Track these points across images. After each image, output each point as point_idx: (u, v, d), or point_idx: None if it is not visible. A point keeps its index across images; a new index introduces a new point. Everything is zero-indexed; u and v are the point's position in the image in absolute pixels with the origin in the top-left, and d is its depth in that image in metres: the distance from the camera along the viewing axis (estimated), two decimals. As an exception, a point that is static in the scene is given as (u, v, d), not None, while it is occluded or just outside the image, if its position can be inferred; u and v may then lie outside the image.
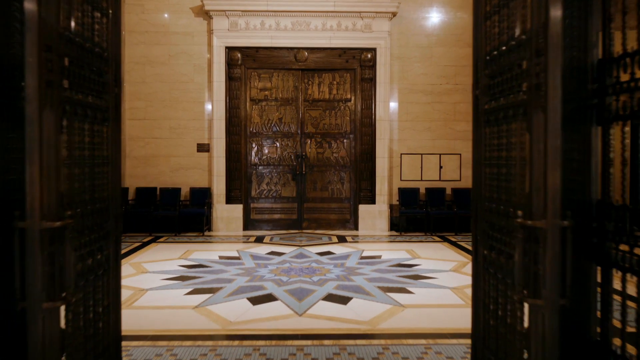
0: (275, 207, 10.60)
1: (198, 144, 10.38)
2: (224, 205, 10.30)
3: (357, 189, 10.46)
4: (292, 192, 10.59)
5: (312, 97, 10.55)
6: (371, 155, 10.40)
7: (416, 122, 10.51)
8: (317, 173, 10.56)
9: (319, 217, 10.61)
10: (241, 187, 10.40)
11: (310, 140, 10.57)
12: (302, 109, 10.54)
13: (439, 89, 10.52)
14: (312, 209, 10.61)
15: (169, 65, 10.34)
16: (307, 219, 10.61)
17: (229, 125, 10.32)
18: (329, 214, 10.60)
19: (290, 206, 10.60)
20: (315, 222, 10.60)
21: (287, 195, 10.60)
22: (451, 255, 7.79)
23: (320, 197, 10.60)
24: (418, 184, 10.51)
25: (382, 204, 10.37)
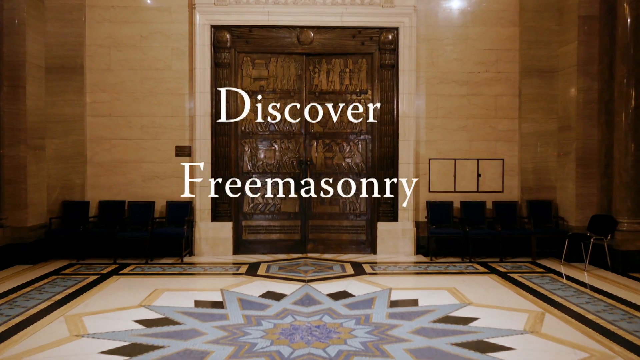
0: (273, 226, 8.55)
1: (177, 147, 8.33)
2: (208, 223, 8.24)
3: (374, 202, 8.41)
4: (294, 206, 8.54)
5: (319, 89, 8.50)
6: (392, 161, 8.35)
7: (448, 119, 8.46)
8: (326, 183, 8.50)
9: (327, 237, 8.55)
10: (231, 200, 8.34)
11: (317, 142, 8.53)
12: (306, 104, 8.50)
13: (477, 78, 8.47)
14: (319, 227, 8.56)
15: (140, 48, 8.29)
16: (313, 239, 8.56)
17: (216, 124, 8.27)
18: (339, 234, 8.55)
19: (292, 224, 8.55)
20: (322, 243, 8.54)
21: (288, 211, 8.54)
22: (512, 298, 5.74)
23: (329, 212, 8.54)
24: (451, 197, 8.45)
25: (407, 222, 8.32)
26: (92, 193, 8.27)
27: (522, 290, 6.07)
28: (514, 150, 8.50)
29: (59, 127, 8.14)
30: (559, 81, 8.33)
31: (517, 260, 7.91)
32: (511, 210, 8.33)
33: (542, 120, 8.39)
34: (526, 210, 8.34)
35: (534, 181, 8.42)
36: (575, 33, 7.86)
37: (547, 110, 8.39)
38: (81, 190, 8.21)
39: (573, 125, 7.98)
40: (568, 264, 7.68)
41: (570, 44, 7.98)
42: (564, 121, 8.21)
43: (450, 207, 8.34)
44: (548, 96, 8.37)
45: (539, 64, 8.37)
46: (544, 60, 8.36)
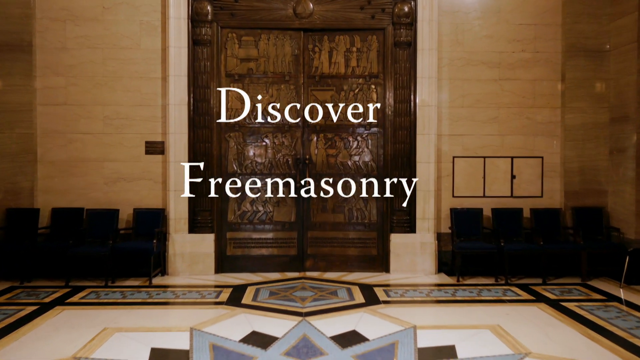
0: (265, 238, 7.06)
1: (147, 143, 6.85)
2: (185, 235, 6.76)
3: (387, 210, 6.93)
4: (289, 214, 7.06)
5: (319, 72, 7.03)
6: (409, 159, 6.87)
7: (476, 108, 6.99)
8: (328, 186, 7.03)
9: (330, 252, 7.07)
10: (212, 207, 6.85)
11: (317, 137, 7.05)
12: (304, 90, 7.03)
13: (511, 59, 6.99)
14: (320, 240, 7.08)
15: (102, 22, 6.81)
16: (313, 255, 7.08)
17: (194, 115, 6.79)
18: (345, 248, 7.07)
19: (287, 236, 7.07)
20: (324, 259, 7.06)
21: (283, 220, 7.07)
22: (583, 344, 4.28)
23: (332, 222, 7.07)
24: (479, 203, 6.98)
25: (426, 233, 6.84)
26: (43, 199, 6.78)
27: (590, 329, 4.59)
28: (555, 146, 7.02)
29: (2, 119, 6.65)
30: (611, 62, 6.85)
31: (564, 282, 6.43)
32: (553, 220, 6.85)
33: (590, 109, 6.92)
34: (571, 219, 6.87)
35: (580, 184, 6.94)
36: (636, 1, 6.38)
37: (596, 97, 6.91)
38: (29, 195, 6.73)
39: (631, 116, 6.50)
40: (628, 286, 6.20)
41: (628, 16, 6.50)
42: (619, 111, 6.73)
43: (479, 216, 6.86)
44: (598, 80, 6.90)
45: (587, 42, 6.90)
46: (593, 37, 6.88)
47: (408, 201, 6.86)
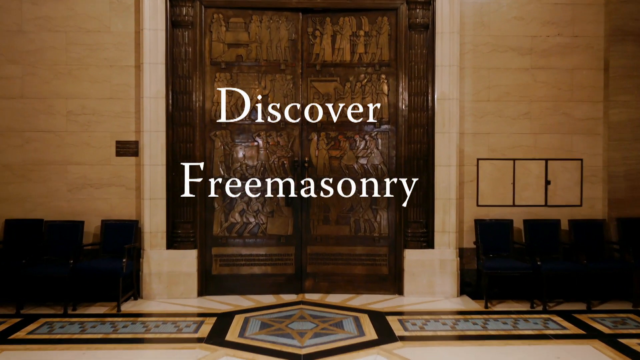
0: (257, 255, 6.04)
1: (119, 143, 5.83)
2: (163, 251, 5.73)
3: (400, 221, 5.90)
4: (285, 226, 6.05)
5: (321, 60, 6.02)
6: (426, 162, 5.85)
7: (505, 102, 5.97)
8: (331, 193, 6.02)
9: (333, 270, 6.06)
10: (195, 218, 5.83)
11: (319, 136, 6.04)
12: (303, 81, 6.02)
13: (545, 44, 5.97)
14: (322, 256, 6.06)
15: (65, 1, 5.79)
16: (314, 274, 6.06)
17: (174, 109, 5.77)
18: (351, 265, 6.05)
19: (283, 252, 6.06)
20: (327, 278, 6.05)
21: (278, 233, 6.05)
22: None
23: (335, 235, 6.05)
24: (508, 213, 5.95)
25: (446, 249, 5.81)
26: (-5, 208, 5.78)
27: (668, 381, 3.58)
28: (597, 146, 6.00)
29: (-54, 114, 5.66)
30: (663, 48, 5.84)
31: (612, 308, 5.41)
32: (595, 233, 5.83)
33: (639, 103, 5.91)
34: (617, 232, 5.85)
35: (627, 191, 5.92)
36: (699, -26, 5.39)
37: (645, 89, 5.91)
38: (-21, 204, 5.72)
39: (691, 110, 5.49)
40: (692, 315, 5.19)
41: (686, -7, 5.50)
42: (674, 105, 5.73)
43: (508, 229, 5.84)
44: (648, 70, 5.89)
45: (636, 25, 5.88)
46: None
47: (424, 211, 5.84)
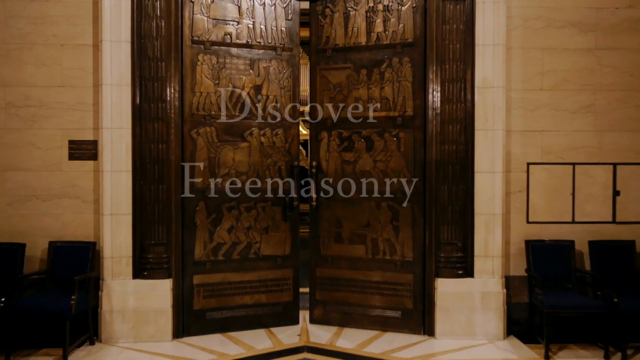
0: (249, 281, 4.83)
1: (72, 143, 4.59)
2: (128, 282, 4.48)
3: (430, 242, 4.64)
4: (282, 244, 4.85)
5: (332, 44, 4.85)
6: (463, 167, 4.59)
7: (562, 92, 4.72)
8: (343, 204, 4.80)
9: (346, 298, 4.84)
10: (170, 239, 4.56)
11: (330, 136, 4.83)
12: (312, 70, 4.80)
13: (614, 18, 4.72)
14: (333, 281, 4.89)
15: (4, -38, 4.56)
16: (323, 301, 4.91)
17: (142, 100, 4.51)
18: (367, 295, 4.82)
19: (280, 276, 4.88)
20: (338, 308, 4.87)
21: (273, 253, 4.85)
22: None
23: (348, 256, 4.83)
24: (568, 232, 4.70)
25: (490, 278, 4.55)
26: None
27: None
28: (678, 147, 4.76)
29: None
30: None
31: None
32: (679, 257, 4.58)
33: None
34: None
35: None
36: None
37: None
38: None
39: None
40: None
41: None
42: None
43: (568, 252, 4.58)
44: None
45: None
46: None
47: (462, 230, 4.59)
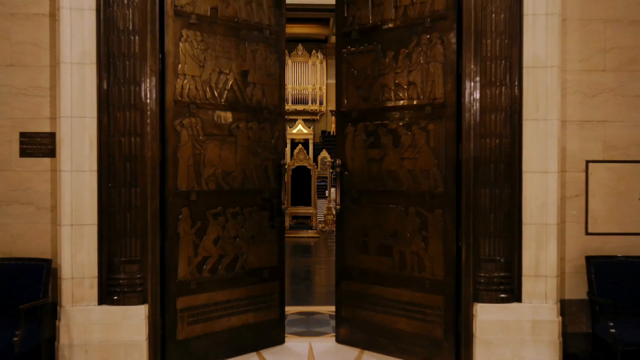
0: (236, 300, 4.17)
1: (24, 136, 3.71)
2: (92, 309, 3.59)
3: (467, 258, 3.76)
4: (268, 255, 4.31)
5: (357, 23, 4.14)
6: (509, 165, 3.70)
7: (629, 73, 3.84)
8: (369, 210, 4.05)
9: (371, 317, 4.21)
10: (146, 255, 3.67)
11: (355, 130, 4.09)
12: (338, 54, 4.17)
13: (690, -17, 3.85)
14: (360, 297, 4.27)
15: None
16: (349, 319, 4.36)
17: (111, 83, 3.62)
18: (393, 316, 4.08)
19: (267, 291, 4.35)
20: (364, 328, 4.22)
21: (260, 265, 4.26)
22: None
23: (374, 269, 4.15)
24: (636, 244, 3.82)
25: (542, 303, 3.67)
26: None
27: None
28: None
29: None
30: None
31: None
32: None
33: None
34: None
35: None
36: None
37: None
38: None
39: None
40: None
41: None
42: None
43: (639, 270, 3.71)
44: None
45: None
46: None
47: (508, 243, 3.71)
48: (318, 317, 5.10)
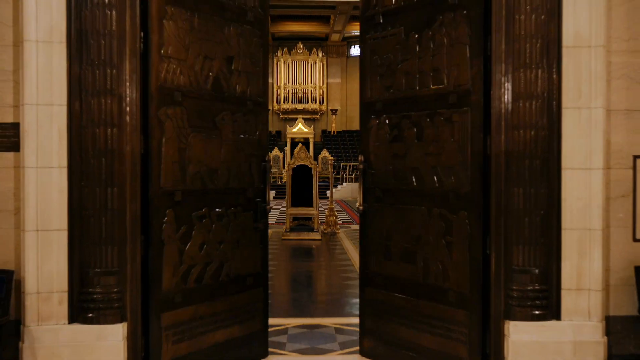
0: (221, 312, 3.70)
1: (-17, 127, 3.20)
2: (62, 328, 3.08)
3: (497, 267, 3.25)
4: (252, 260, 4.90)
5: (380, 5, 3.69)
6: (545, 161, 3.20)
7: (683, 55, 3.33)
8: (393, 211, 3.58)
9: (394, 330, 3.69)
10: (124, 265, 3.16)
11: (379, 123, 3.62)
12: (363, 40, 3.62)
13: None
14: (384, 307, 3.75)
15: None
16: (373, 332, 3.88)
17: (84, 64, 3.11)
18: (416, 330, 3.59)
19: (250, 299, 4.24)
20: (387, 342, 3.68)
21: (245, 272, 4.09)
22: None
23: (397, 276, 3.64)
24: (691, 253, 3.32)
25: (585, 321, 3.16)
26: None
27: None
28: None
29: None
30: None
31: None
32: None
33: None
34: None
35: None
36: None
37: None
38: None
39: None
40: None
41: None
42: None
43: (696, 283, 3.20)
44: None
45: None
46: None
47: (544, 251, 3.21)
48: (322, 331, 4.60)
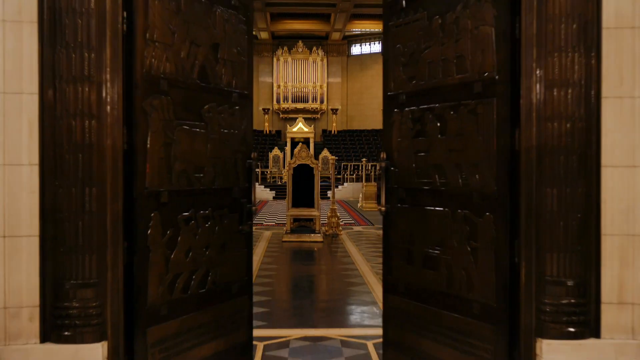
0: (206, 324, 3.34)
1: (-54, 119, 2.80)
2: (32, 348, 2.70)
3: (526, 277, 2.87)
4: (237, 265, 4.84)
5: None
6: (582, 157, 2.82)
7: None
8: (414, 213, 3.24)
9: (415, 343, 3.34)
10: (104, 275, 2.78)
11: (401, 117, 3.29)
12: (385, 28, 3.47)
13: None
14: (404, 315, 3.42)
15: None
16: (397, 345, 3.52)
17: (58, 48, 2.73)
18: (437, 343, 3.26)
19: (235, 308, 4.01)
20: (410, 354, 3.24)
21: (229, 279, 4.71)
22: None
23: (419, 282, 3.28)
24: None
25: (628, 339, 2.79)
26: None
27: None
28: None
29: None
30: None
31: None
32: None
33: None
34: None
35: None
36: None
37: None
38: None
39: None
40: None
41: None
42: None
43: None
44: None
45: None
46: None
47: (581, 259, 2.83)
48: (327, 344, 4.21)
